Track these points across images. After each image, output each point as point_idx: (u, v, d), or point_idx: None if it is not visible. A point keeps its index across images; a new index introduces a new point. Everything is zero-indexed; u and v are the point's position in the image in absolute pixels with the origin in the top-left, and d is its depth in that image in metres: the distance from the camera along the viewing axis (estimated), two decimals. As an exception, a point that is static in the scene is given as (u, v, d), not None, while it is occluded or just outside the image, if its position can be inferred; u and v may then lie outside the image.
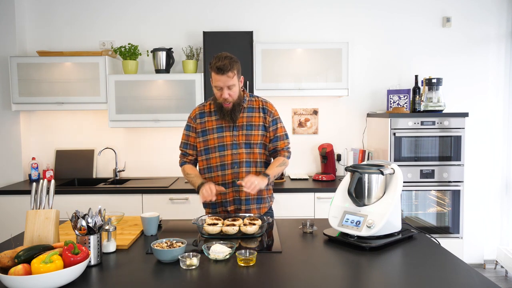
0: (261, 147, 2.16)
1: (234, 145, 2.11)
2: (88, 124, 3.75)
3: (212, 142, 2.13)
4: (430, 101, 3.33)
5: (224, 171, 2.12)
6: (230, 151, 2.11)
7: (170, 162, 3.75)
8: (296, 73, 3.41)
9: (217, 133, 2.12)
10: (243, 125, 2.12)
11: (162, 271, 1.48)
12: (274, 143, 2.18)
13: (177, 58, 3.67)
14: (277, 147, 2.19)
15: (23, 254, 1.38)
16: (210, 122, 2.14)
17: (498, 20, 3.69)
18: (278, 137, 2.18)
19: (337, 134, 3.78)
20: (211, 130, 2.13)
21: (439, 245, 1.78)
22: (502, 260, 3.61)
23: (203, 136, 2.15)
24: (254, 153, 2.14)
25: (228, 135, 2.12)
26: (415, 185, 3.28)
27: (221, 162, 2.12)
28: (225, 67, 1.95)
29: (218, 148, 2.12)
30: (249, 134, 2.12)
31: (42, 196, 1.66)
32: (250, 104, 2.17)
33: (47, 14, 3.69)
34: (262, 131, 2.15)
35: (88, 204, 2.85)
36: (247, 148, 2.12)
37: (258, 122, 2.14)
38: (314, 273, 1.47)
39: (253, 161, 2.14)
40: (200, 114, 2.18)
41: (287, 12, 3.70)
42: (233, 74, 1.99)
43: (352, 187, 1.78)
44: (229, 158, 2.11)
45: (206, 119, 2.16)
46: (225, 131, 2.12)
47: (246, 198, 2.14)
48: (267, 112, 2.16)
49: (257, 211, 2.16)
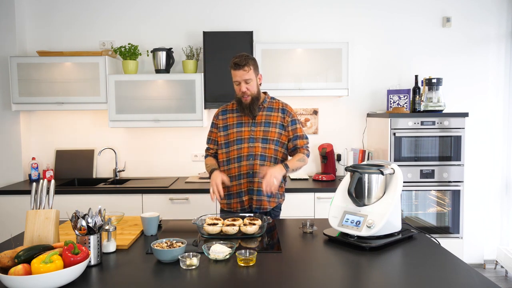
0: (277, 144, 2.28)
1: (251, 139, 2.26)
2: (88, 124, 3.75)
3: (232, 136, 2.29)
4: (430, 101, 3.33)
5: (240, 163, 2.26)
6: (247, 144, 2.26)
7: (170, 162, 3.76)
8: (296, 73, 3.41)
9: (236, 127, 2.29)
10: (261, 122, 2.28)
11: (162, 271, 1.48)
12: (294, 141, 2.32)
13: (177, 58, 3.67)
14: (296, 145, 2.32)
15: (23, 254, 1.38)
16: (231, 118, 2.32)
17: (498, 20, 3.69)
18: (297, 136, 2.33)
19: (337, 134, 3.78)
20: (231, 126, 2.31)
21: (439, 245, 1.78)
22: (502, 260, 3.61)
23: (224, 130, 2.32)
24: (270, 149, 2.27)
25: (247, 130, 2.28)
26: (415, 185, 3.28)
27: (238, 155, 2.26)
28: (240, 62, 2.16)
29: (237, 142, 2.27)
30: (266, 130, 2.27)
31: (42, 196, 1.66)
32: (270, 105, 2.34)
33: (47, 14, 3.69)
34: (279, 129, 2.29)
35: (88, 204, 2.85)
36: (263, 143, 2.25)
37: (276, 121, 2.29)
38: (314, 273, 1.47)
39: (268, 155, 2.26)
40: (223, 112, 2.37)
41: (287, 12, 3.70)
42: (249, 69, 2.18)
43: (352, 187, 1.78)
44: (245, 150, 2.25)
45: (228, 115, 2.34)
46: (244, 126, 2.29)
47: (258, 189, 2.25)
48: (286, 113, 2.32)
49: (268, 204, 2.28)
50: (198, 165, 3.75)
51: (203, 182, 3.38)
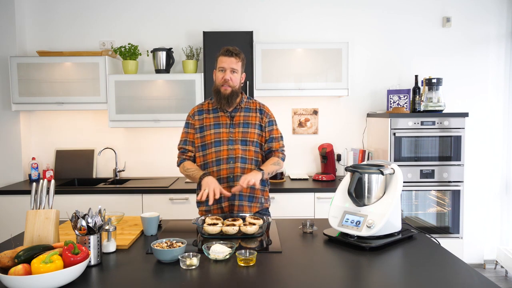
0: (257, 145, 2.21)
1: (230, 141, 2.16)
2: (88, 124, 3.75)
3: (208, 138, 2.18)
4: (430, 101, 3.33)
5: (219, 166, 2.16)
6: (226, 147, 2.16)
7: (170, 162, 3.75)
8: (296, 73, 3.41)
9: (214, 129, 2.19)
10: (240, 123, 2.19)
11: (162, 271, 1.48)
12: (269, 143, 2.24)
13: (177, 58, 3.67)
14: (272, 148, 2.24)
15: (23, 254, 1.38)
16: (208, 119, 2.21)
17: (498, 20, 3.69)
18: (273, 138, 2.25)
19: (337, 134, 3.78)
20: (208, 126, 2.20)
21: (439, 245, 1.78)
22: (502, 260, 3.61)
23: (201, 132, 2.21)
24: (250, 151, 2.18)
25: (225, 131, 2.17)
26: (415, 185, 3.28)
27: (217, 157, 2.16)
28: (234, 50, 2.13)
29: (215, 144, 2.17)
30: (245, 131, 2.18)
31: (42, 196, 1.66)
32: (247, 105, 2.25)
33: (47, 14, 3.69)
34: (258, 130, 2.22)
35: (88, 204, 2.85)
36: (243, 145, 2.17)
37: (255, 121, 2.22)
38: (314, 273, 1.47)
39: (249, 158, 2.18)
40: (199, 112, 2.25)
41: (287, 12, 3.70)
42: (239, 60, 2.14)
43: (352, 187, 1.78)
44: (225, 153, 2.16)
45: (204, 116, 2.23)
46: (222, 127, 2.18)
47: (239, 194, 2.15)
48: (263, 113, 2.25)
49: (248, 209, 2.18)
50: (198, 165, 3.75)
51: (203, 182, 3.38)
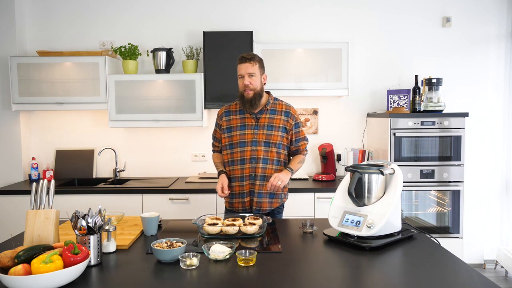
0: (280, 147, 2.32)
1: (254, 142, 2.29)
2: (88, 124, 3.75)
3: (235, 138, 2.33)
4: (430, 101, 3.33)
5: (243, 165, 2.31)
6: (249, 147, 2.30)
7: (170, 162, 3.76)
8: (296, 73, 3.41)
9: (239, 130, 2.33)
10: (264, 125, 2.31)
11: (162, 271, 1.48)
12: (296, 144, 2.39)
13: (177, 58, 3.67)
14: (299, 148, 2.41)
15: (23, 254, 1.38)
16: (235, 120, 2.35)
17: (498, 20, 3.69)
18: (300, 139, 2.40)
19: (337, 134, 3.78)
20: (235, 128, 2.34)
21: (439, 245, 1.78)
22: (502, 260, 3.61)
23: (228, 132, 2.35)
24: (272, 152, 2.31)
25: (250, 133, 2.31)
26: (415, 185, 3.28)
27: (241, 157, 2.31)
28: (247, 55, 2.25)
29: (240, 144, 2.31)
30: (269, 134, 2.30)
31: (42, 196, 1.66)
32: (273, 107, 2.35)
33: (47, 14, 3.69)
34: (282, 132, 2.33)
35: (88, 204, 2.85)
36: (266, 146, 2.30)
37: (279, 124, 2.32)
38: (314, 273, 1.47)
39: (270, 159, 2.31)
40: (226, 113, 2.39)
41: (287, 12, 3.70)
42: (254, 63, 2.24)
43: (352, 187, 1.78)
44: (248, 153, 2.30)
45: (231, 117, 2.37)
46: (247, 129, 2.32)
47: (259, 192, 2.30)
48: (290, 116, 2.35)
49: (268, 205, 2.33)
50: (198, 165, 3.75)
51: (203, 182, 3.38)
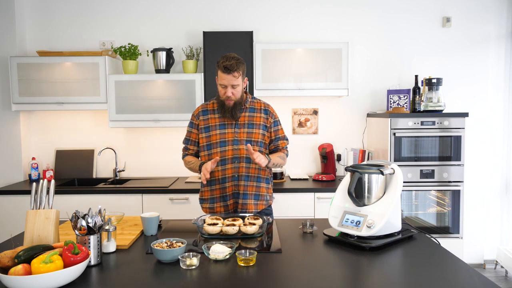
0: (261, 145, 2.25)
1: (235, 141, 2.20)
2: (88, 124, 3.75)
3: (214, 138, 2.22)
4: (430, 101, 3.33)
5: (224, 166, 2.20)
6: (231, 147, 2.20)
7: (170, 162, 3.75)
8: (296, 73, 3.41)
9: (219, 129, 2.22)
10: (244, 123, 2.23)
11: (162, 271, 1.48)
12: (275, 142, 2.31)
13: (177, 58, 3.67)
14: (278, 146, 2.32)
15: (23, 254, 1.38)
16: (213, 119, 2.24)
17: (498, 20, 3.69)
18: (279, 138, 2.32)
19: (337, 134, 3.78)
20: (214, 127, 2.23)
21: (439, 245, 1.78)
22: (502, 260, 3.61)
23: (206, 132, 2.24)
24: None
25: (230, 132, 2.21)
26: (415, 185, 3.28)
27: (222, 157, 2.20)
28: (231, 67, 2.07)
29: (220, 144, 2.21)
30: (250, 132, 2.22)
31: (42, 196, 1.66)
32: (252, 105, 2.28)
33: (47, 14, 3.69)
34: (263, 130, 2.25)
35: (88, 204, 2.85)
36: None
37: (259, 122, 2.25)
38: (314, 273, 1.47)
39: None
40: (203, 112, 2.28)
41: (287, 12, 3.70)
42: (238, 75, 2.11)
43: (352, 187, 1.78)
44: (230, 153, 2.20)
45: (209, 116, 2.26)
46: (227, 128, 2.22)
47: (244, 193, 2.21)
48: (269, 114, 2.28)
49: (254, 207, 2.23)
50: (198, 165, 3.75)
51: (203, 182, 3.38)
